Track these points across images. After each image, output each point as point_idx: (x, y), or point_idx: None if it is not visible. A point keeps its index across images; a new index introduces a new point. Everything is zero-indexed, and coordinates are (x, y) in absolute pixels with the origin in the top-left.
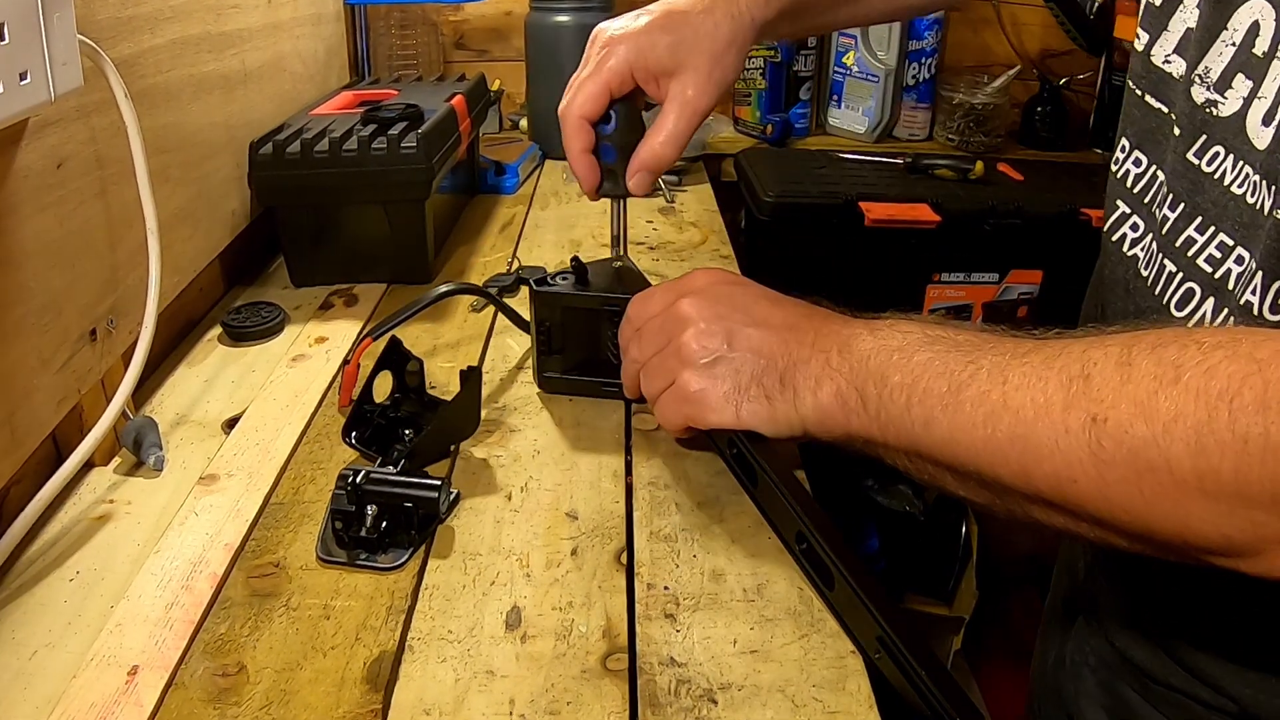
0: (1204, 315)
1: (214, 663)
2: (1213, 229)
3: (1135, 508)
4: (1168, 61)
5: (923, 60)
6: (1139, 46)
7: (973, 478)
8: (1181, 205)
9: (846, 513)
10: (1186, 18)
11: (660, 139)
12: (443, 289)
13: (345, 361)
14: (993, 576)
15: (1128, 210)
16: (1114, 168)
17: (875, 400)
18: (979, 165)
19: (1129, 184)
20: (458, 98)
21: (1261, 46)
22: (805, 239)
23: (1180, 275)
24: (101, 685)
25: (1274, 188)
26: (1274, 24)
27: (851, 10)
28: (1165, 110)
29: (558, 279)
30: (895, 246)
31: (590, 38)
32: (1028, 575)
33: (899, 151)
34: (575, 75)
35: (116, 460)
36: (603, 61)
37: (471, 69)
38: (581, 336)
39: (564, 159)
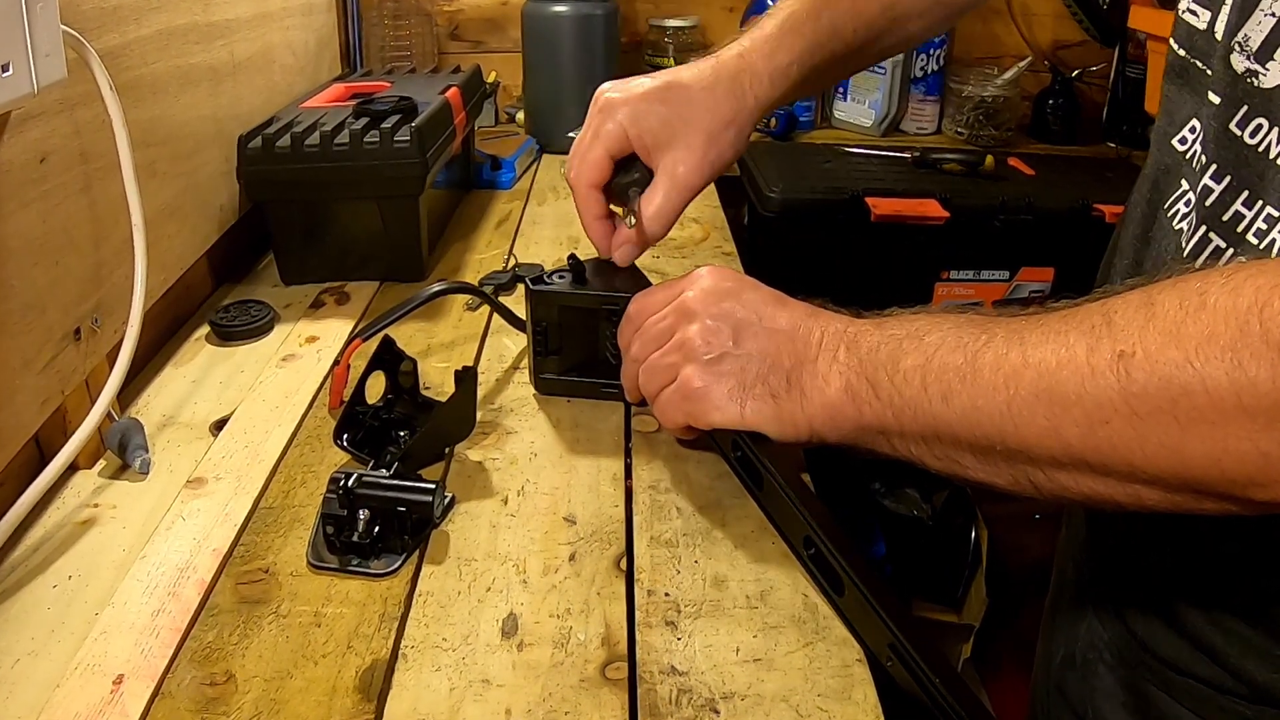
0: None
1: (202, 671)
2: (1260, 202)
3: (1171, 440)
4: (1191, 12)
5: (931, 52)
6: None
7: (996, 450)
8: (1227, 178)
9: (852, 517)
10: None
11: (648, 214)
12: (436, 288)
13: (336, 363)
14: (1003, 583)
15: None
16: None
17: (888, 386)
18: (989, 159)
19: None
20: (452, 90)
21: None
22: (810, 235)
23: (1230, 251)
24: (86, 695)
25: None
26: None
27: (858, 61)
28: (1194, 61)
29: (554, 277)
30: (902, 243)
31: (593, 98)
32: (1038, 582)
33: (906, 145)
34: (577, 141)
35: (101, 463)
36: (600, 126)
37: (467, 60)
38: (579, 336)
39: (561, 153)
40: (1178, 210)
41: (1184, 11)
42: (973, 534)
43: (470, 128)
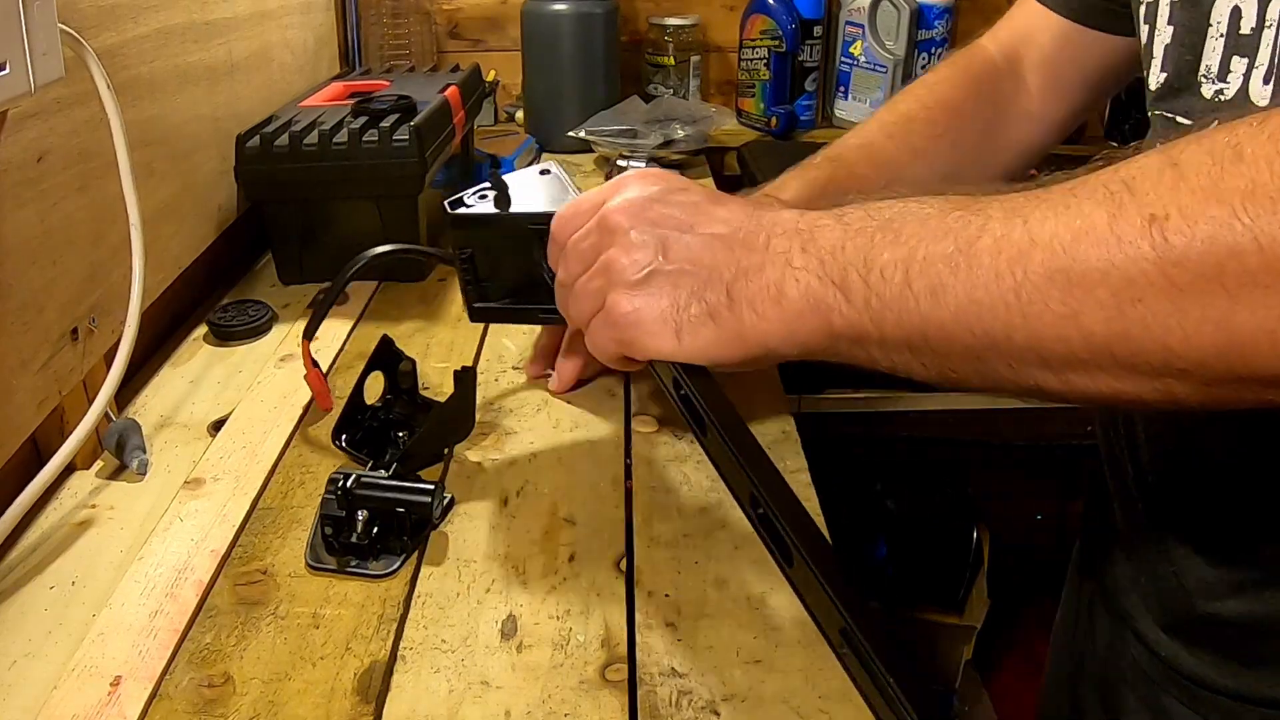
0: None
1: (199, 673)
2: None
3: (1217, 313)
4: (1156, 81)
5: (933, 50)
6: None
7: (999, 354)
8: None
9: (853, 517)
10: (1164, 37)
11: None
12: (378, 249)
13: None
14: (1005, 584)
15: None
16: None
17: (860, 287)
18: None
19: None
20: (452, 89)
21: (1247, 26)
22: None
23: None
24: (83, 696)
25: None
26: (1255, 3)
27: None
28: (1161, 113)
29: (474, 197)
30: None
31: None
32: (1040, 583)
33: None
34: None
35: (99, 464)
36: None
37: (466, 59)
38: (510, 260)
39: (561, 152)
40: None
41: (1154, 83)
42: (974, 535)
43: (469, 127)
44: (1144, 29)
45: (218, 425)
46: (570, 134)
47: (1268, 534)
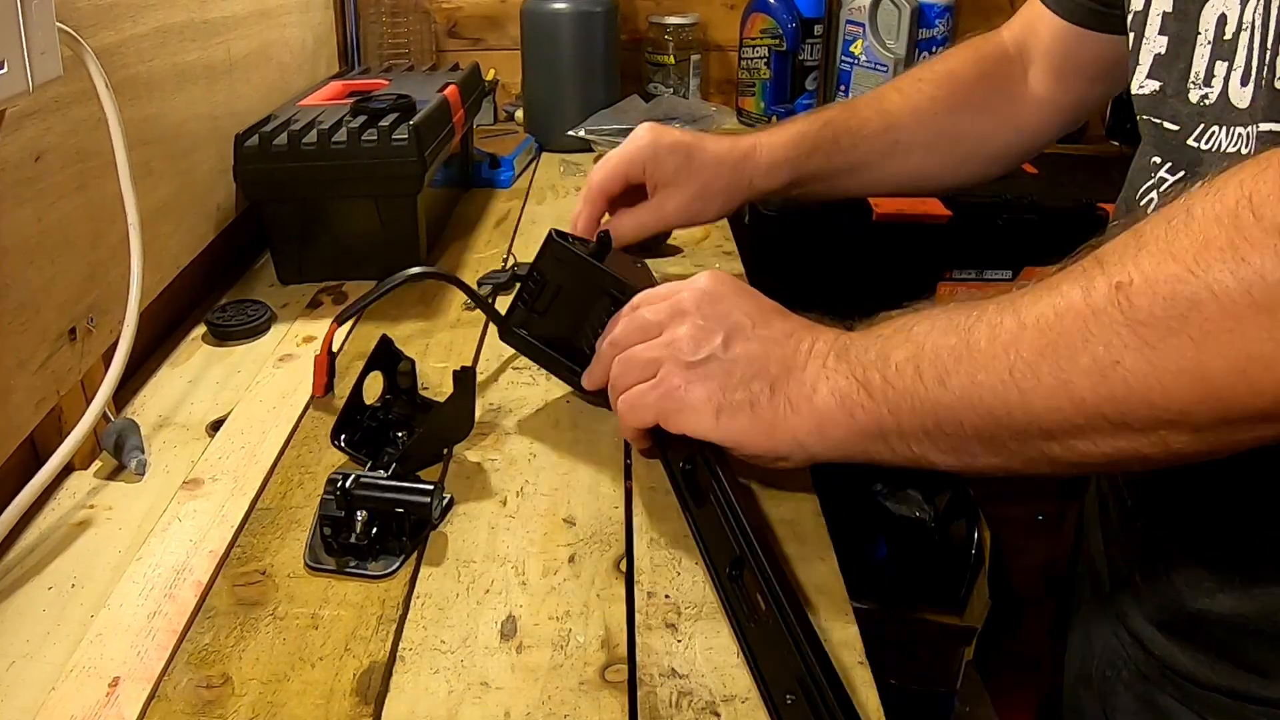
0: None
1: (198, 674)
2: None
3: (1188, 363)
4: (1141, 87)
5: (933, 49)
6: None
7: (1004, 430)
8: (1181, 173)
9: (853, 518)
10: (1153, 46)
11: (626, 220)
12: (414, 270)
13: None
14: (1006, 585)
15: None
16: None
17: (880, 383)
18: None
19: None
20: (451, 88)
21: (1229, 30)
22: (811, 234)
23: None
24: (81, 697)
25: (1257, 131)
26: (1238, 7)
27: (856, 181)
28: (1149, 119)
29: (577, 242)
30: (904, 242)
31: (637, 128)
32: (1042, 584)
33: None
34: (612, 151)
35: (97, 464)
36: (631, 151)
37: (465, 58)
38: (570, 309)
39: (561, 151)
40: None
41: (1138, 89)
42: (975, 535)
43: (469, 126)
44: (1130, 36)
45: (216, 425)
46: (570, 133)
47: (1254, 530)
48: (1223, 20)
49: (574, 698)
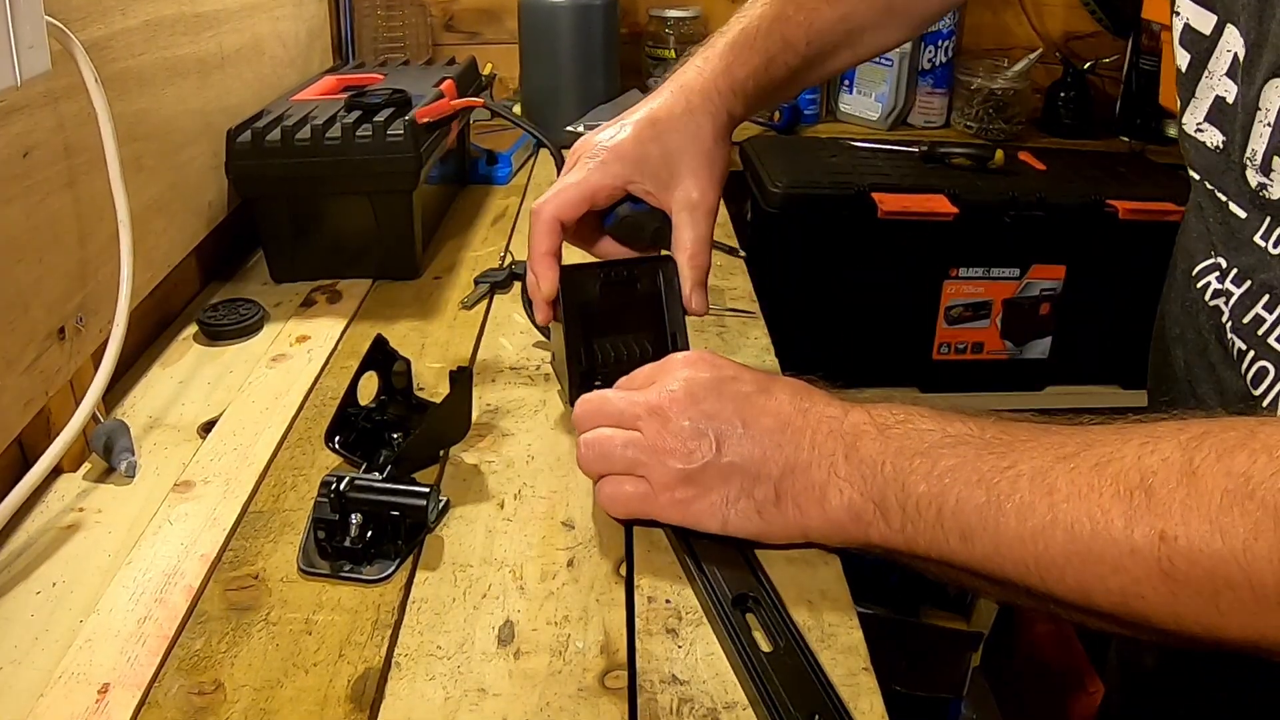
0: (1277, 395)
1: (189, 680)
2: None
3: (1208, 620)
4: (1200, 130)
5: (939, 43)
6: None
7: (1018, 590)
8: (1247, 283)
9: None
10: (1215, 85)
11: (689, 252)
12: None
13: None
14: None
15: (1212, 255)
16: (1193, 197)
17: (899, 512)
18: (999, 154)
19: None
20: (447, 83)
21: None
22: (815, 232)
23: (1251, 354)
24: (70, 704)
25: None
26: None
27: (812, 75)
28: (1204, 183)
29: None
30: (910, 240)
31: (574, 146)
32: None
33: (914, 139)
34: (561, 179)
35: (86, 466)
36: (593, 171)
37: (462, 52)
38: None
39: (561, 147)
40: (1209, 284)
41: (1195, 130)
42: None
43: (465, 121)
44: (1179, 53)
45: (208, 427)
46: (568, 128)
47: None
48: None
49: (573, 704)
